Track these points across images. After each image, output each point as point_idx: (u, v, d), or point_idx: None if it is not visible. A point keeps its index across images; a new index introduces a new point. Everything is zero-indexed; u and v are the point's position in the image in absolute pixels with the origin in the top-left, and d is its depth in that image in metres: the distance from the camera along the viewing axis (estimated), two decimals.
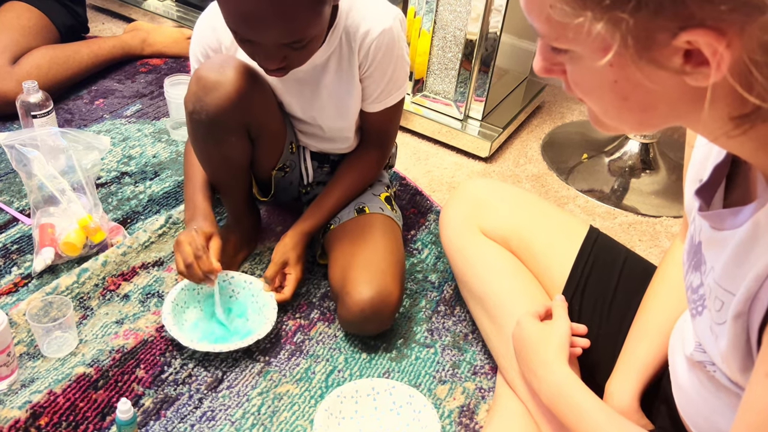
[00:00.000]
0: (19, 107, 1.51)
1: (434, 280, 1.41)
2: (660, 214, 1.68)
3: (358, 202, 1.32)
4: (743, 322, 0.59)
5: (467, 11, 1.68)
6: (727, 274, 0.62)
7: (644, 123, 0.57)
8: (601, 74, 0.53)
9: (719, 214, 0.63)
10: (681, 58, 0.49)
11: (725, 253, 0.62)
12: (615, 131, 0.60)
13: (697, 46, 0.48)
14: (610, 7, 0.48)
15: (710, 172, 0.68)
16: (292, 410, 1.13)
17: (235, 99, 1.12)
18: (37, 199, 1.36)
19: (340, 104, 1.22)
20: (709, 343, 0.67)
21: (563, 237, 1.13)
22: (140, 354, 1.18)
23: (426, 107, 1.86)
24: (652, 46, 0.49)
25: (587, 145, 1.92)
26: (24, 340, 1.18)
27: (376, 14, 1.14)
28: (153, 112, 1.85)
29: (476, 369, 1.23)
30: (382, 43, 1.14)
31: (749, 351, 0.61)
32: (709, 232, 0.65)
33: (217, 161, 1.23)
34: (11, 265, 1.33)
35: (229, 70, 1.12)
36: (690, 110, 0.53)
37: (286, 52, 1.03)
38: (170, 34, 2.09)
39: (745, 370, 0.62)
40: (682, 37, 0.48)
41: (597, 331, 1.03)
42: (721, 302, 0.62)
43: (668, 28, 0.48)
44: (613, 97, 0.55)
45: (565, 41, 0.53)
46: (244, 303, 1.26)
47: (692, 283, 0.71)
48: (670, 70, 0.50)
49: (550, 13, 0.52)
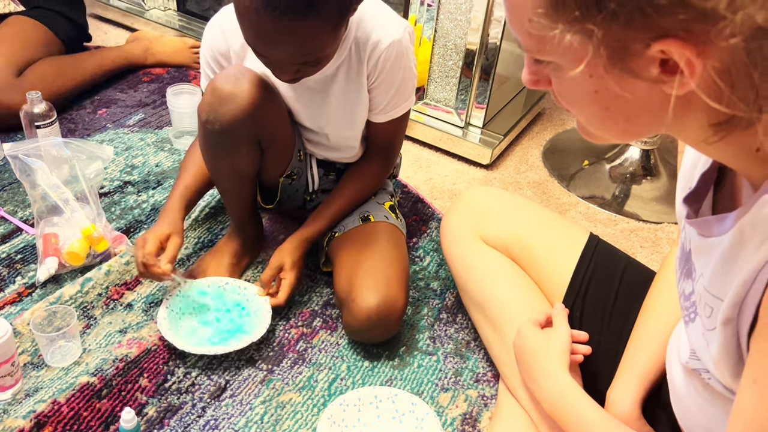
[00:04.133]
0: (23, 117, 1.52)
1: (436, 287, 1.41)
2: (661, 221, 1.69)
3: (363, 210, 1.33)
4: (732, 328, 0.60)
5: (468, 20, 1.69)
6: (715, 280, 0.62)
7: (628, 132, 0.58)
8: (582, 85, 0.55)
9: (706, 221, 0.64)
10: (657, 67, 0.50)
11: (713, 259, 0.62)
12: (602, 140, 0.61)
13: (670, 56, 0.49)
14: (580, 19, 0.49)
15: (697, 179, 0.68)
16: (295, 419, 1.13)
17: (249, 111, 1.13)
18: (40, 209, 1.37)
19: (347, 114, 1.23)
20: (702, 349, 0.67)
21: (564, 244, 1.13)
22: (143, 363, 1.18)
23: (427, 115, 1.87)
24: (626, 56, 0.50)
25: (588, 151, 1.92)
26: (28, 349, 1.19)
27: (386, 26, 1.15)
28: (156, 122, 1.86)
29: (478, 376, 1.23)
30: (390, 54, 1.15)
31: (740, 356, 0.61)
32: (698, 240, 0.66)
33: (227, 170, 1.24)
34: (15, 274, 1.34)
35: (244, 81, 1.13)
36: (673, 118, 0.54)
37: (300, 67, 1.05)
38: (172, 44, 2.11)
39: (736, 376, 0.63)
40: (655, 47, 0.48)
41: (598, 337, 1.03)
42: (711, 308, 0.63)
43: (640, 38, 0.49)
44: (595, 107, 0.56)
45: (544, 53, 0.55)
46: (239, 308, 1.27)
47: (684, 291, 0.71)
48: (647, 80, 0.51)
49: (528, 27, 0.53)
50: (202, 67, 1.26)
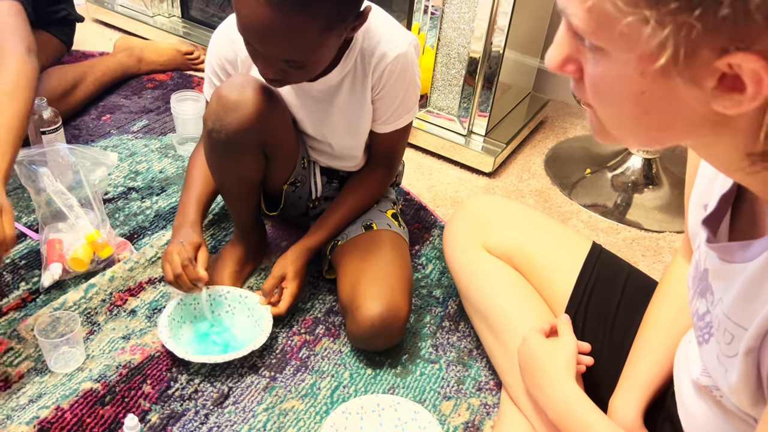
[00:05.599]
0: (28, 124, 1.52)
1: (438, 295, 1.42)
2: (663, 230, 1.69)
3: (366, 218, 1.34)
4: (754, 357, 0.59)
5: (471, 29, 1.70)
6: (737, 307, 0.61)
7: (654, 140, 0.54)
8: (628, 82, 0.49)
9: (728, 246, 0.62)
10: (715, 80, 0.46)
11: (735, 286, 0.60)
12: (615, 142, 0.56)
13: (737, 71, 0.45)
14: (674, 12, 0.43)
15: (717, 201, 0.66)
16: (298, 426, 1.13)
17: (254, 119, 1.13)
18: (45, 215, 1.38)
19: (351, 124, 1.24)
20: (718, 372, 0.66)
21: (566, 253, 1.14)
22: (147, 369, 1.19)
23: (430, 123, 1.88)
24: (692, 62, 0.46)
25: (590, 160, 1.93)
26: (32, 355, 1.19)
27: (392, 38, 1.16)
28: (159, 128, 1.86)
29: (481, 385, 1.23)
30: (396, 67, 1.16)
31: (760, 385, 0.60)
32: (717, 263, 0.64)
33: (231, 178, 1.25)
34: (19, 280, 1.34)
35: (250, 90, 1.13)
36: (706, 135, 0.51)
37: (283, 67, 1.04)
38: (164, 52, 2.11)
39: (756, 404, 0.61)
40: (727, 58, 0.44)
41: (600, 347, 1.03)
42: (731, 335, 0.61)
43: (717, 46, 0.44)
44: (634, 108, 0.51)
45: (603, 38, 0.48)
46: (240, 316, 1.27)
47: (698, 310, 0.70)
48: (700, 90, 0.47)
49: (598, 3, 0.46)
50: (206, 74, 1.27)
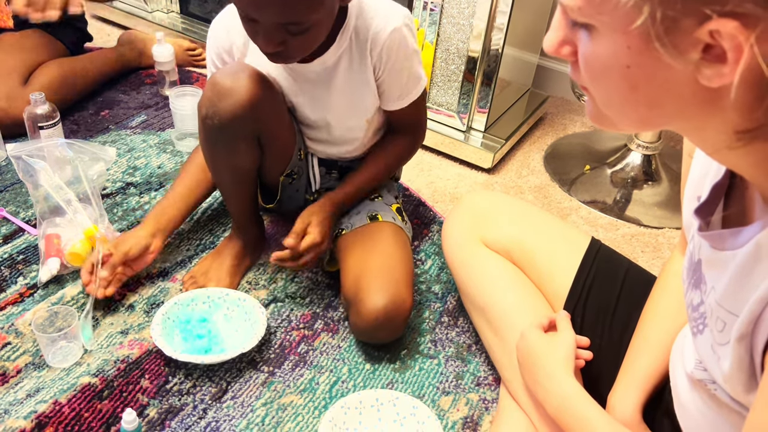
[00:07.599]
0: (26, 119, 1.52)
1: (438, 290, 1.42)
2: (662, 226, 1.69)
3: (371, 209, 1.34)
4: (747, 344, 0.59)
5: (470, 25, 1.69)
6: (728, 295, 0.61)
7: (646, 121, 0.56)
8: (616, 55, 0.52)
9: (720, 234, 0.63)
10: (699, 51, 0.48)
11: (726, 273, 0.61)
12: (613, 127, 0.58)
13: (719, 41, 0.46)
14: None
15: (709, 191, 0.67)
16: (296, 421, 1.13)
17: (248, 106, 1.13)
18: (43, 210, 1.37)
19: (351, 102, 1.24)
20: (712, 362, 0.66)
21: (565, 248, 1.14)
22: (145, 364, 1.19)
23: (429, 119, 1.87)
24: (675, 31, 0.47)
25: (589, 156, 1.92)
26: (29, 350, 1.19)
27: (385, 14, 1.17)
28: (158, 123, 1.86)
29: (480, 380, 1.23)
30: (393, 42, 1.17)
31: (753, 372, 0.60)
32: (709, 252, 0.65)
33: (226, 167, 1.24)
34: (17, 275, 1.34)
35: (244, 77, 1.13)
36: (695, 116, 0.52)
37: (284, 36, 1.03)
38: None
39: (749, 391, 0.62)
40: (708, 25, 0.46)
41: (599, 342, 1.03)
42: (723, 323, 0.62)
43: (697, 12, 0.46)
44: (622, 84, 0.53)
45: (588, 12, 0.51)
46: (238, 320, 1.26)
47: (692, 301, 0.70)
48: (686, 62, 0.49)
49: None
50: (208, 66, 1.28)
